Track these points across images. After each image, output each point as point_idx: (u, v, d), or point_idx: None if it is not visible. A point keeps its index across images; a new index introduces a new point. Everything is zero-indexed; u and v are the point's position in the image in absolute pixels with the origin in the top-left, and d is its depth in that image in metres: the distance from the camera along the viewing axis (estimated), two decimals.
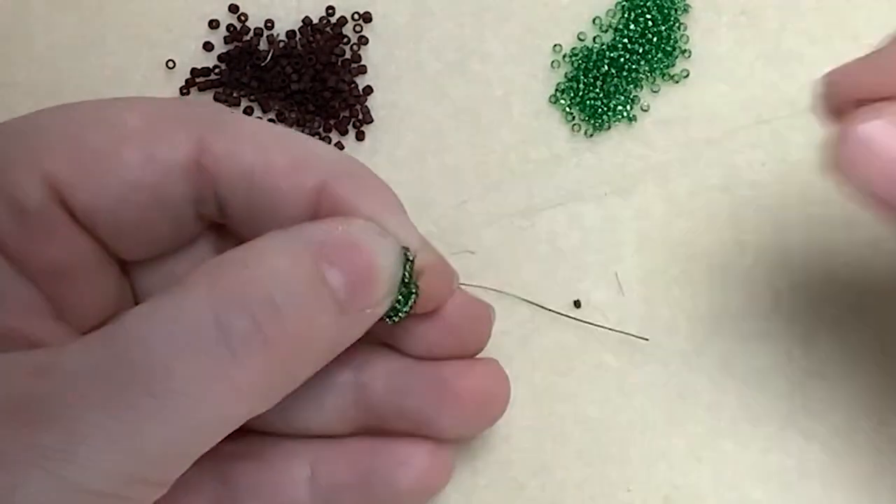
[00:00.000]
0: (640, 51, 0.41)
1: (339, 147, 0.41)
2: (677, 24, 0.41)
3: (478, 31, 0.41)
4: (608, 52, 0.41)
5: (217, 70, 0.41)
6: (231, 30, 0.42)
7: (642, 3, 0.41)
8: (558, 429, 0.39)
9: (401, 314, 0.32)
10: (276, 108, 0.41)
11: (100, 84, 0.41)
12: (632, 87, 0.41)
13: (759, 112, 0.41)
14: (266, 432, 0.34)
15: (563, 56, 0.41)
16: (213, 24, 0.42)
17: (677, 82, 0.41)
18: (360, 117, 0.41)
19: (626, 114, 0.41)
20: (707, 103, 0.41)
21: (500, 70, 0.41)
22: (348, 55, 0.41)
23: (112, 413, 0.26)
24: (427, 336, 0.33)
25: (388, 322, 0.32)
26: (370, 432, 0.34)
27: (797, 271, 0.39)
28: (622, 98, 0.41)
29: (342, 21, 0.42)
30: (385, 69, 0.41)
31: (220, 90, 0.41)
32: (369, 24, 0.42)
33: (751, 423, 0.38)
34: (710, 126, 0.41)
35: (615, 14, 0.42)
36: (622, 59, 0.41)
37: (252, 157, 0.31)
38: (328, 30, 0.41)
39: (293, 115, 0.41)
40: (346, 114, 0.41)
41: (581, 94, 0.41)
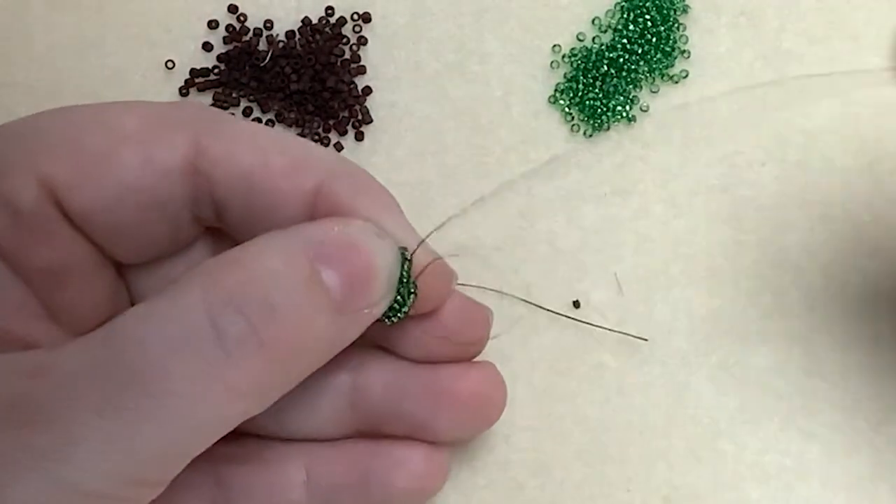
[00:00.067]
0: (640, 51, 0.41)
1: (339, 147, 0.41)
2: (676, 25, 0.41)
3: (477, 32, 0.41)
4: (607, 53, 0.41)
5: (216, 70, 0.41)
6: (230, 30, 0.42)
7: (641, 4, 0.41)
8: (557, 429, 0.39)
9: (399, 315, 0.32)
10: (276, 108, 0.41)
11: (99, 84, 0.41)
12: (631, 87, 0.41)
13: (759, 112, 0.41)
14: (262, 435, 0.34)
15: (563, 56, 0.41)
16: (213, 25, 0.42)
17: (677, 83, 0.41)
18: (360, 118, 0.41)
19: (625, 114, 0.41)
20: (706, 103, 0.41)
21: (499, 70, 0.41)
22: (347, 55, 0.41)
23: (108, 413, 0.26)
24: (424, 339, 0.33)
25: (387, 323, 0.32)
26: (366, 435, 0.34)
27: (797, 271, 0.39)
28: (621, 98, 0.41)
29: (341, 21, 0.42)
30: (384, 69, 0.41)
31: (220, 90, 0.41)
32: (368, 25, 0.42)
33: (750, 423, 0.38)
34: (709, 126, 0.41)
35: (614, 14, 0.42)
36: (621, 60, 0.41)
37: (249, 159, 0.31)
38: (327, 30, 0.41)
39: (292, 116, 0.41)
40: (346, 114, 0.41)
41: (580, 94, 0.41)
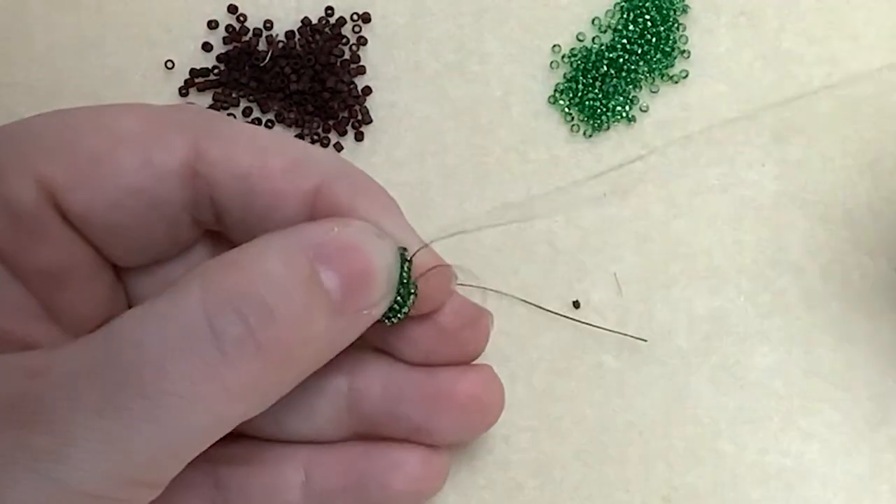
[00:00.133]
0: (639, 51, 0.41)
1: (338, 147, 0.41)
2: (676, 25, 0.41)
3: (477, 32, 0.41)
4: (607, 53, 0.41)
5: (216, 70, 0.41)
6: (230, 30, 0.42)
7: (641, 4, 0.41)
8: (557, 429, 0.39)
9: (399, 315, 0.32)
10: (275, 108, 0.41)
11: (99, 84, 0.41)
12: (631, 87, 0.41)
13: (759, 112, 0.41)
14: (260, 436, 0.34)
15: (562, 57, 0.41)
16: (213, 25, 0.42)
17: (676, 83, 0.41)
18: (359, 118, 0.41)
19: (625, 114, 0.41)
20: (707, 103, 0.41)
21: (499, 70, 0.41)
22: (347, 56, 0.41)
23: (105, 414, 0.26)
24: (424, 342, 0.33)
25: (387, 323, 0.32)
26: (364, 437, 0.34)
27: (797, 271, 0.39)
28: (621, 99, 0.41)
29: (341, 21, 0.42)
30: (384, 70, 0.41)
31: (219, 91, 0.41)
32: (368, 25, 0.42)
33: (750, 423, 0.38)
34: (709, 126, 0.41)
35: (614, 15, 0.41)
36: (621, 60, 0.41)
37: (248, 161, 0.31)
38: (327, 30, 0.41)
39: (292, 116, 0.41)
40: (345, 114, 0.41)
41: (580, 94, 0.41)
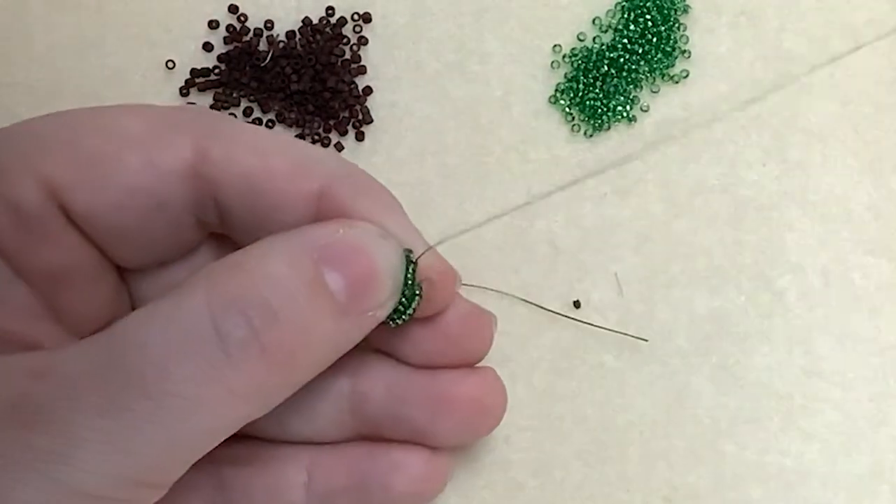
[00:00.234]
0: (640, 51, 0.41)
1: (339, 147, 0.41)
2: (677, 25, 0.41)
3: (477, 32, 0.41)
4: (608, 53, 0.41)
5: (217, 70, 0.41)
6: (231, 30, 0.41)
7: (642, 4, 0.41)
8: (557, 429, 0.39)
9: (404, 317, 0.31)
10: (276, 108, 0.41)
11: (100, 84, 0.41)
12: (631, 87, 0.41)
13: (759, 112, 0.41)
14: (263, 437, 0.34)
15: (563, 56, 0.41)
16: (213, 25, 0.42)
17: (677, 82, 0.41)
18: (360, 118, 0.41)
19: (625, 114, 0.41)
20: (707, 103, 0.41)
21: (499, 70, 0.41)
22: (348, 55, 0.41)
23: (108, 415, 0.26)
24: (427, 344, 0.33)
25: (392, 325, 0.32)
26: (367, 438, 0.34)
27: (797, 271, 0.39)
28: (622, 98, 0.41)
29: (342, 21, 0.41)
30: (385, 69, 0.41)
31: (220, 90, 0.41)
32: (369, 25, 0.42)
33: (750, 423, 0.38)
34: (710, 126, 0.41)
35: (615, 14, 0.41)
36: (622, 60, 0.41)
37: (252, 162, 0.31)
38: (328, 30, 0.41)
39: (293, 116, 0.41)
40: (346, 114, 0.41)
41: (581, 94, 0.41)
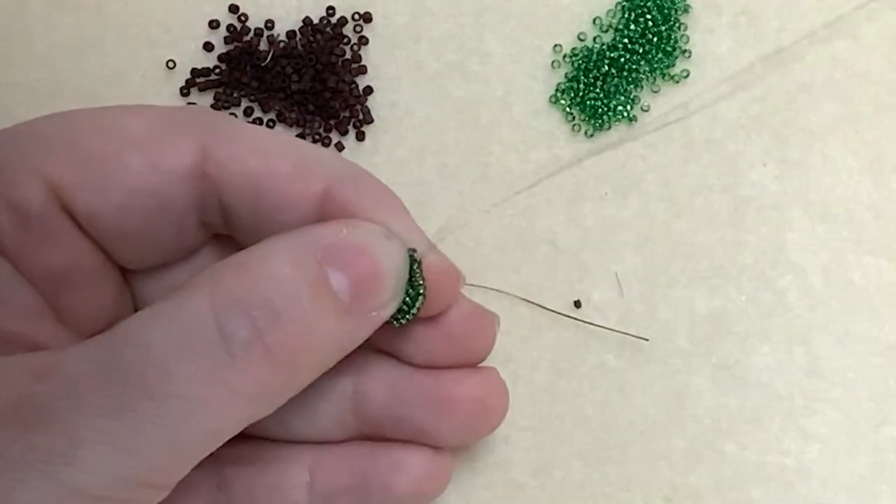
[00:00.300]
0: (641, 51, 0.41)
1: (340, 147, 0.41)
2: (677, 24, 0.41)
3: (478, 32, 0.41)
4: (608, 53, 0.41)
5: (217, 70, 0.41)
6: (231, 30, 0.41)
7: (642, 4, 0.41)
8: (558, 429, 0.39)
9: (408, 316, 0.31)
10: (277, 108, 0.41)
11: (100, 84, 0.41)
12: (632, 87, 0.41)
13: (759, 112, 0.41)
14: (265, 437, 0.34)
15: (564, 56, 0.41)
16: (213, 25, 0.42)
17: (677, 82, 0.41)
18: (361, 117, 0.41)
19: (626, 114, 0.41)
20: (707, 103, 0.41)
21: (500, 70, 0.41)
22: (348, 55, 0.41)
23: (110, 416, 0.26)
24: (430, 344, 0.33)
25: (395, 325, 0.32)
26: (369, 438, 0.34)
27: (797, 271, 0.39)
28: (622, 98, 0.41)
29: (342, 21, 0.41)
30: (385, 69, 0.41)
31: (221, 90, 0.41)
32: (369, 25, 0.42)
33: (751, 423, 0.39)
34: (710, 126, 0.41)
35: (615, 14, 0.41)
36: (622, 59, 0.41)
37: (255, 163, 0.31)
38: (328, 30, 0.41)
39: (293, 116, 0.41)
40: (347, 114, 0.41)
41: (581, 94, 0.41)
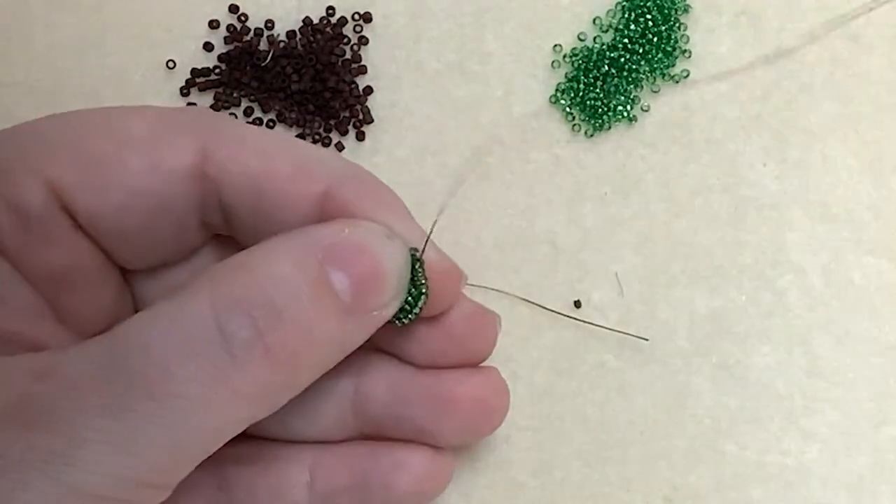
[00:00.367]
0: (641, 51, 0.41)
1: (340, 147, 0.41)
2: (677, 24, 0.41)
3: (478, 32, 0.41)
4: (608, 53, 0.41)
5: (217, 70, 0.41)
6: (231, 30, 0.41)
7: (642, 4, 0.41)
8: (558, 429, 0.39)
9: (410, 316, 0.31)
10: (277, 108, 0.41)
11: (100, 84, 0.41)
12: (632, 87, 0.41)
13: (759, 112, 0.41)
14: (265, 437, 0.34)
15: (564, 56, 0.41)
16: (213, 25, 0.42)
17: (677, 82, 0.41)
18: (361, 117, 0.41)
19: (626, 114, 0.41)
20: (707, 103, 0.41)
21: (500, 70, 0.41)
22: (348, 55, 0.41)
23: (111, 416, 0.26)
24: (431, 344, 0.33)
25: (398, 324, 0.32)
26: (370, 438, 0.34)
27: (797, 271, 0.39)
28: (622, 98, 0.41)
29: (342, 21, 0.41)
30: (385, 69, 0.41)
31: (221, 90, 0.41)
32: (369, 25, 0.42)
33: (751, 423, 0.39)
34: (710, 126, 0.41)
35: (615, 14, 0.41)
36: (622, 59, 0.41)
37: (256, 163, 0.31)
38: (328, 30, 0.41)
39: (293, 116, 0.41)
40: (347, 114, 0.41)
41: (581, 94, 0.41)
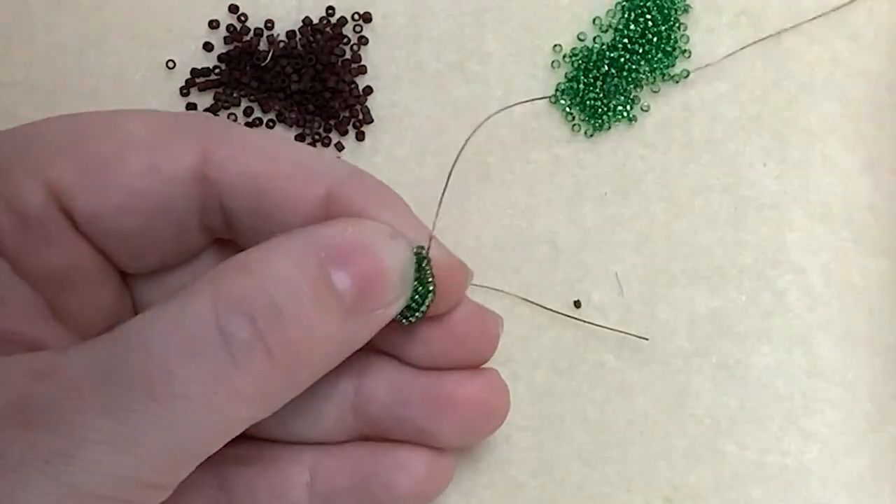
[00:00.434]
0: (641, 51, 0.41)
1: (340, 147, 0.41)
2: (677, 24, 0.41)
3: (478, 32, 0.41)
4: (608, 53, 0.41)
5: (217, 70, 0.41)
6: (231, 30, 0.41)
7: (642, 4, 0.41)
8: (558, 429, 0.39)
9: (418, 314, 0.31)
10: (277, 108, 0.41)
11: (100, 84, 0.41)
12: (632, 87, 0.41)
13: (759, 112, 0.41)
14: (265, 438, 0.34)
15: (563, 56, 0.41)
16: (213, 25, 0.42)
17: (677, 82, 0.41)
18: (360, 117, 0.41)
19: (626, 114, 0.41)
20: (707, 103, 0.41)
21: (499, 70, 0.41)
22: (348, 55, 0.41)
23: (112, 416, 0.26)
24: (434, 345, 0.33)
25: (405, 322, 0.32)
26: (370, 439, 0.34)
27: (797, 271, 0.39)
28: (622, 98, 0.41)
29: (342, 21, 0.41)
30: (385, 69, 0.41)
31: (220, 90, 0.41)
32: (369, 25, 0.42)
33: (751, 423, 0.39)
34: (710, 126, 0.41)
35: (615, 14, 0.41)
36: (622, 60, 0.41)
37: (257, 165, 0.31)
38: (328, 30, 0.41)
39: (293, 116, 0.41)
40: (347, 114, 0.41)
41: (581, 94, 0.41)
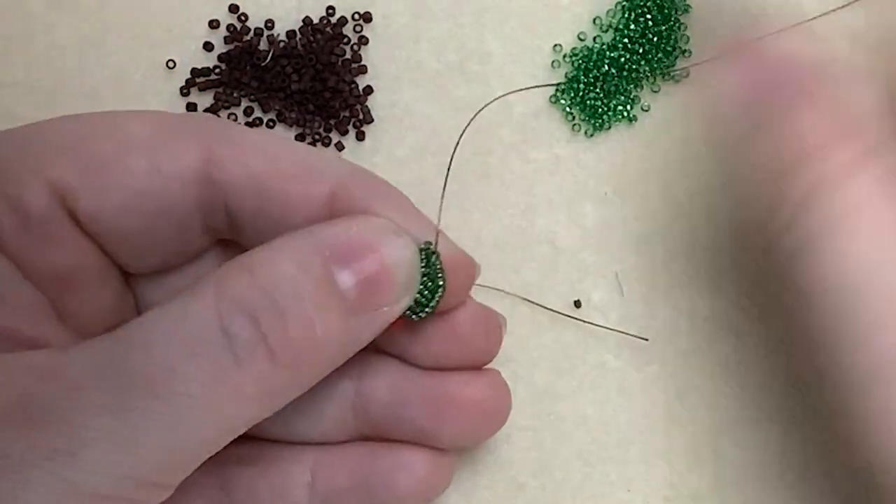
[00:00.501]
0: (641, 51, 0.41)
1: (340, 147, 0.41)
2: (677, 24, 0.41)
3: (478, 31, 0.41)
4: (608, 52, 0.41)
5: (217, 70, 0.41)
6: (231, 30, 0.41)
7: (642, 3, 0.41)
8: (558, 429, 0.39)
9: (427, 309, 0.31)
10: (277, 108, 0.41)
11: (100, 84, 0.41)
12: (632, 87, 0.41)
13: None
14: (266, 438, 0.34)
15: (564, 56, 0.41)
16: (213, 24, 0.42)
17: (677, 82, 0.41)
18: (361, 117, 0.41)
19: (626, 114, 0.41)
20: (707, 103, 0.41)
21: (499, 70, 0.41)
22: (348, 55, 0.41)
23: (114, 415, 0.26)
24: (436, 345, 0.33)
25: (414, 319, 0.32)
26: (371, 439, 0.34)
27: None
28: (622, 98, 0.41)
29: (342, 21, 0.41)
30: (385, 69, 0.41)
31: (221, 90, 0.41)
32: (369, 24, 0.42)
33: (751, 423, 0.39)
34: (710, 126, 0.41)
35: (615, 14, 0.42)
36: (622, 59, 0.41)
37: (260, 165, 0.31)
38: (328, 30, 0.41)
39: (293, 115, 0.41)
40: (347, 114, 0.41)
41: (581, 94, 0.41)
